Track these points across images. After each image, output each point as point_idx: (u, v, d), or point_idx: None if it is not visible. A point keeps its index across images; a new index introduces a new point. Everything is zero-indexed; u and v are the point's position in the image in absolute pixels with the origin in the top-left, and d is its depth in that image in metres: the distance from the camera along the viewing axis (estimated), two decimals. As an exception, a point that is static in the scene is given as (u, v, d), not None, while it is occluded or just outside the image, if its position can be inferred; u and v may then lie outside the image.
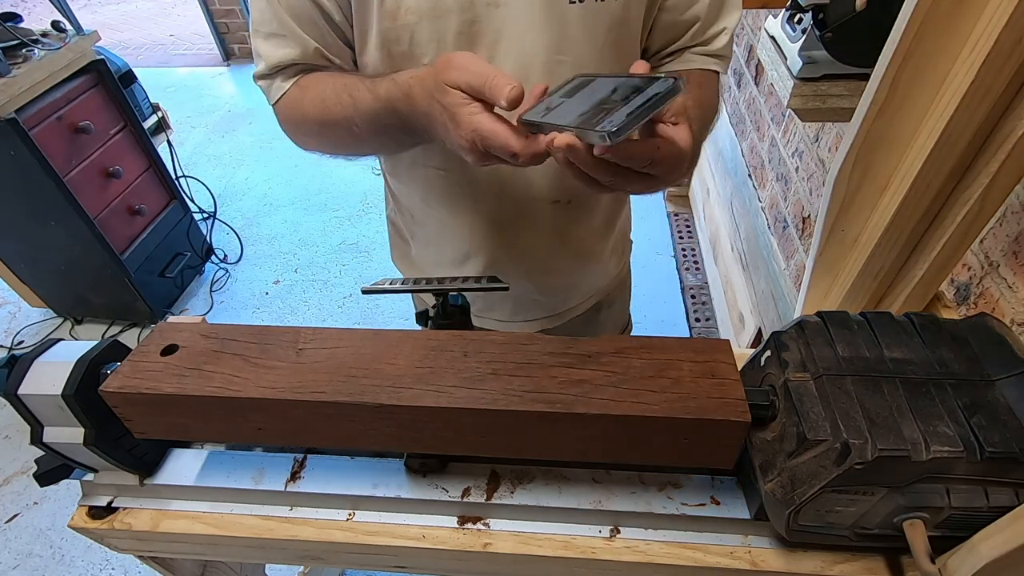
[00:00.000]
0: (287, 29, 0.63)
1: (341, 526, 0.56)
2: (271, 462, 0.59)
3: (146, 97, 2.19)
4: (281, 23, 0.63)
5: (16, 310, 2.24)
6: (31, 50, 1.62)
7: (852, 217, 0.60)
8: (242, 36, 3.99)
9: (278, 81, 0.67)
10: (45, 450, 0.53)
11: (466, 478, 0.56)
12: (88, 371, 0.50)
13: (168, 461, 0.60)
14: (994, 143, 0.49)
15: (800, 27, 0.80)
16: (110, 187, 1.89)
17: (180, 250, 2.20)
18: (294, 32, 0.63)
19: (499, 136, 0.47)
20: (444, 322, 0.62)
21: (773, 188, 1.51)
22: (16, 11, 1.73)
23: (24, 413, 0.51)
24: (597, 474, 0.56)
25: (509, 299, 0.87)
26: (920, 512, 0.42)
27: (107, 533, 0.59)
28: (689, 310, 2.16)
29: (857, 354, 0.46)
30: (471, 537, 0.54)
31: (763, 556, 0.52)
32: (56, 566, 1.54)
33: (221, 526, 0.57)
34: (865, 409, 0.42)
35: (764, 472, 0.46)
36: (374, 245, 2.51)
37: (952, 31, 0.46)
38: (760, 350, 0.52)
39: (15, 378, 0.50)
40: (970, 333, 0.47)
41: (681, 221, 2.52)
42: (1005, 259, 0.66)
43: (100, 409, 0.50)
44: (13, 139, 1.56)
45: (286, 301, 2.28)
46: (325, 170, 2.98)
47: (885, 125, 0.52)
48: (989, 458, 0.39)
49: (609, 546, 0.53)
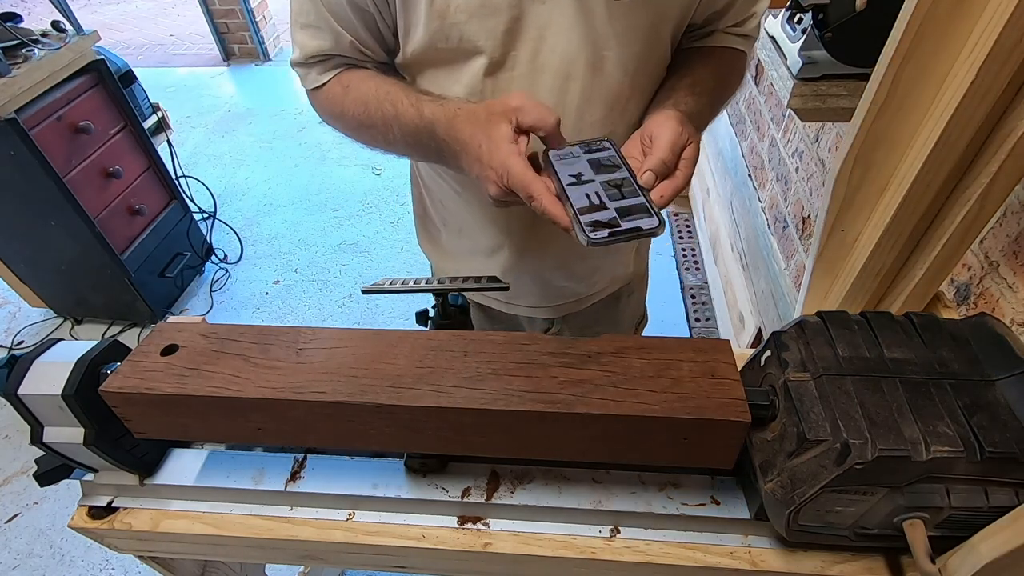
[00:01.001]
0: (323, 21, 0.65)
1: (341, 526, 0.56)
2: (271, 462, 0.59)
3: (146, 97, 2.19)
4: (318, 15, 0.65)
5: (16, 310, 2.24)
6: (31, 50, 1.62)
7: (852, 217, 0.60)
8: (242, 36, 3.98)
9: (314, 73, 0.70)
10: (45, 450, 0.53)
11: (466, 478, 0.56)
12: (88, 371, 0.50)
13: (168, 461, 0.60)
14: (994, 143, 0.49)
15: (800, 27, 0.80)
16: (110, 187, 1.89)
17: (180, 250, 2.20)
18: (330, 25, 0.65)
19: (526, 178, 0.52)
20: (444, 322, 0.62)
21: (773, 188, 1.51)
22: (16, 11, 1.73)
23: (24, 413, 0.51)
24: (597, 474, 0.56)
25: (537, 285, 0.89)
26: (920, 512, 0.42)
27: (107, 533, 0.59)
28: (689, 310, 2.16)
29: (857, 354, 0.46)
30: (471, 537, 0.54)
31: (763, 556, 0.52)
32: (56, 566, 1.54)
33: (221, 526, 0.57)
34: (865, 409, 0.42)
35: (764, 472, 0.46)
36: (374, 245, 2.51)
37: (952, 31, 0.46)
38: (760, 350, 0.52)
39: (15, 378, 0.50)
40: (970, 333, 0.48)
41: (681, 221, 2.52)
42: (1005, 259, 0.66)
43: (100, 409, 0.50)
44: (13, 139, 1.56)
45: (286, 301, 2.28)
46: (325, 170, 2.98)
47: (885, 125, 0.52)
48: (989, 458, 0.39)
49: (609, 546, 0.53)
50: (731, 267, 1.88)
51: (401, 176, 2.91)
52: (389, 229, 2.59)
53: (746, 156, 1.75)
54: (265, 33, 4.02)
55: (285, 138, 3.24)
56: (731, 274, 1.88)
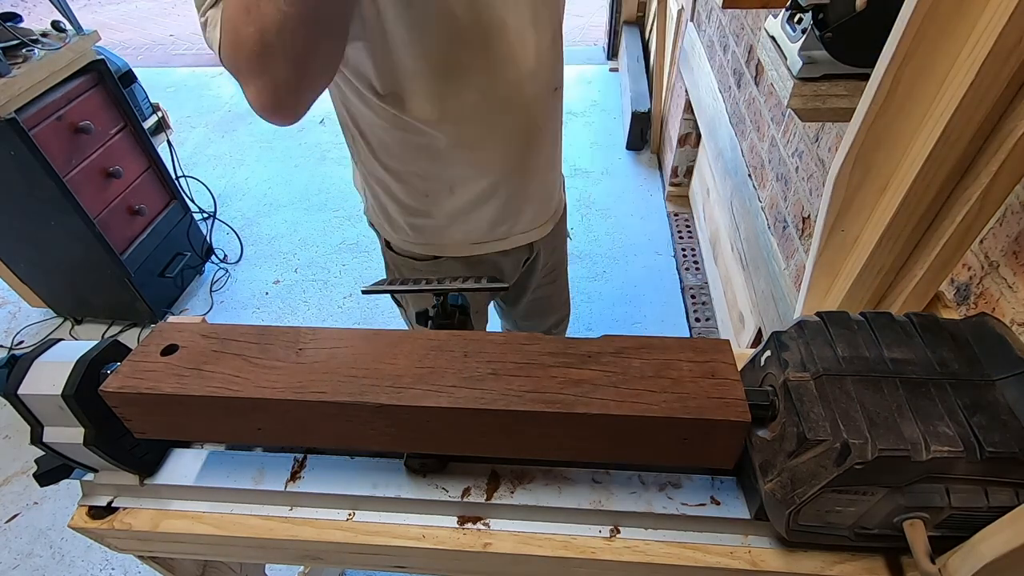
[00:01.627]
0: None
1: (341, 526, 0.56)
2: (271, 462, 0.59)
3: (146, 97, 2.19)
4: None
5: (16, 310, 2.24)
6: (31, 50, 1.62)
7: (852, 217, 0.60)
8: (242, 36, 3.98)
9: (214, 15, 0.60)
10: (45, 450, 0.53)
11: (466, 478, 0.56)
12: (88, 371, 0.50)
13: (168, 461, 0.60)
14: (994, 143, 0.49)
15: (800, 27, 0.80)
16: (110, 187, 1.89)
17: (180, 250, 2.20)
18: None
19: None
20: (444, 322, 0.62)
21: (773, 188, 1.51)
22: (16, 11, 1.73)
23: (24, 413, 0.51)
24: (597, 474, 0.56)
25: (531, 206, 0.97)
26: (920, 512, 0.42)
27: (107, 533, 0.59)
28: (689, 310, 2.16)
29: (857, 354, 0.46)
30: (471, 537, 0.54)
31: (763, 556, 0.52)
32: (56, 566, 1.54)
33: (221, 526, 0.57)
34: (865, 409, 0.42)
35: (764, 472, 0.46)
36: (374, 245, 2.50)
37: (952, 31, 0.46)
38: (760, 350, 0.52)
39: (15, 378, 0.50)
40: (970, 333, 0.47)
41: (681, 221, 2.52)
42: (1005, 259, 0.66)
43: (100, 409, 0.50)
44: (13, 139, 1.56)
45: (286, 301, 2.28)
46: (325, 170, 2.98)
47: (885, 125, 0.52)
48: (989, 458, 0.39)
49: (609, 546, 0.53)
50: (731, 267, 1.88)
51: (401, 176, 2.91)
52: (389, 229, 2.59)
53: (746, 156, 1.75)
54: (265, 33, 4.01)
55: (285, 138, 3.24)
56: (731, 274, 1.88)
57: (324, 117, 3.36)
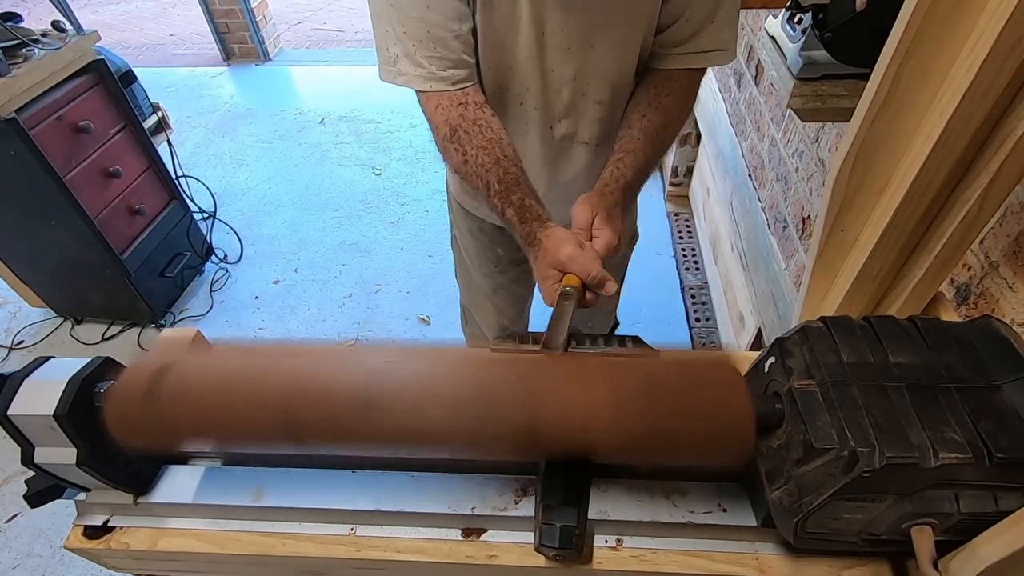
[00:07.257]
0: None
1: (343, 541, 0.55)
2: (270, 478, 0.57)
3: (146, 97, 2.19)
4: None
5: (16, 310, 2.24)
6: (31, 50, 1.62)
7: (852, 217, 0.59)
8: (242, 36, 3.98)
9: None
10: (36, 471, 0.51)
11: (470, 490, 0.56)
12: (81, 390, 0.48)
13: (164, 478, 0.58)
14: (994, 143, 0.49)
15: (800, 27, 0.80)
16: (110, 187, 1.88)
17: (180, 250, 2.19)
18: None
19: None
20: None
21: (773, 188, 1.51)
22: (16, 11, 1.72)
23: (14, 434, 0.49)
24: (602, 484, 0.55)
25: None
26: (929, 518, 0.42)
27: (104, 553, 0.57)
28: (689, 310, 2.15)
29: (862, 360, 0.45)
30: (475, 549, 0.54)
31: (770, 563, 0.51)
32: (56, 566, 1.54)
33: (221, 544, 0.56)
34: (872, 416, 0.41)
35: (771, 480, 0.46)
36: (374, 245, 2.51)
37: (952, 31, 0.45)
38: (764, 356, 0.51)
39: (4, 398, 0.47)
40: (975, 336, 0.47)
41: (681, 221, 2.52)
42: (1005, 259, 0.66)
43: (93, 429, 0.48)
44: (13, 139, 1.56)
45: (286, 301, 2.28)
46: (325, 170, 2.97)
47: (885, 125, 0.52)
48: (998, 463, 0.39)
49: (615, 555, 0.52)
50: (731, 267, 1.88)
51: (401, 176, 2.91)
52: (389, 229, 2.59)
53: (746, 156, 1.75)
54: (265, 33, 4.01)
55: (285, 138, 3.24)
56: (731, 274, 1.88)
57: (324, 117, 3.36)
